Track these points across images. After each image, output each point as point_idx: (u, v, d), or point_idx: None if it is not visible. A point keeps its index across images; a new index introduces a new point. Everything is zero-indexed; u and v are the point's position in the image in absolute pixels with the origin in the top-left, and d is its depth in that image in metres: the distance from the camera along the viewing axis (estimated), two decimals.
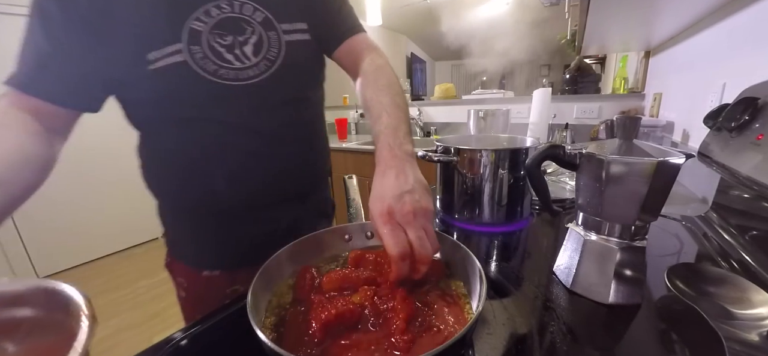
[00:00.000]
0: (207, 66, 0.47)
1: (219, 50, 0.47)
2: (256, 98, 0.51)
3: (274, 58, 0.52)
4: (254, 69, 0.50)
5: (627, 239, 0.41)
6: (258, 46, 0.50)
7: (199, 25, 0.46)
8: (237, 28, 0.49)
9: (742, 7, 0.75)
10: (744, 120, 0.54)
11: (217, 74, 0.47)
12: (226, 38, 0.48)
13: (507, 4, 3.58)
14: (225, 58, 0.48)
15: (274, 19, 0.52)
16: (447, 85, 2.43)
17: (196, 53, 0.46)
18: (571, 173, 0.90)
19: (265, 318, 0.36)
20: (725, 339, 0.32)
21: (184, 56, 0.45)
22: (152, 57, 0.44)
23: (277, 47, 0.52)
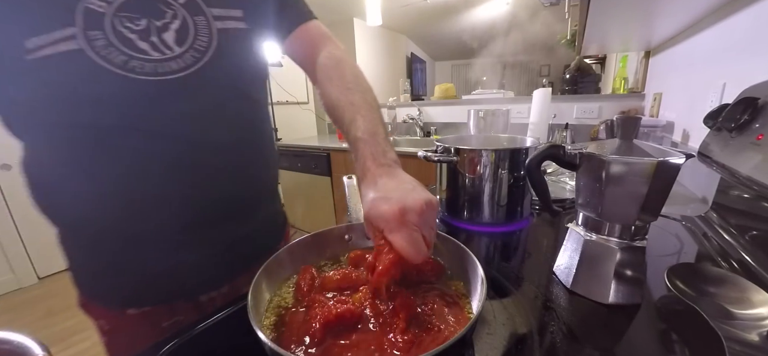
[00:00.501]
0: (113, 56, 0.37)
1: (129, 37, 0.38)
2: (181, 97, 0.42)
3: (203, 49, 0.43)
4: (178, 61, 0.41)
5: (627, 239, 0.41)
6: (182, 34, 0.41)
7: (99, 5, 0.37)
8: (153, 10, 0.40)
9: (742, 7, 0.75)
10: (744, 120, 0.54)
11: (128, 66, 0.38)
12: (138, 23, 0.39)
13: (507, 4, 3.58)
14: (137, 46, 0.39)
15: (202, 2, 0.43)
16: (447, 85, 2.43)
17: (97, 40, 0.37)
18: (571, 173, 0.90)
19: (265, 318, 0.36)
20: (725, 339, 0.32)
21: (79, 43, 0.36)
22: (33, 44, 0.34)
23: (207, 36, 0.43)
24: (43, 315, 1.93)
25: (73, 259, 0.49)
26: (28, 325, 1.84)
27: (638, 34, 1.27)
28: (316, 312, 0.33)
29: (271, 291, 0.39)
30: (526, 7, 3.41)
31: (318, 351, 0.31)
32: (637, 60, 1.74)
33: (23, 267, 2.23)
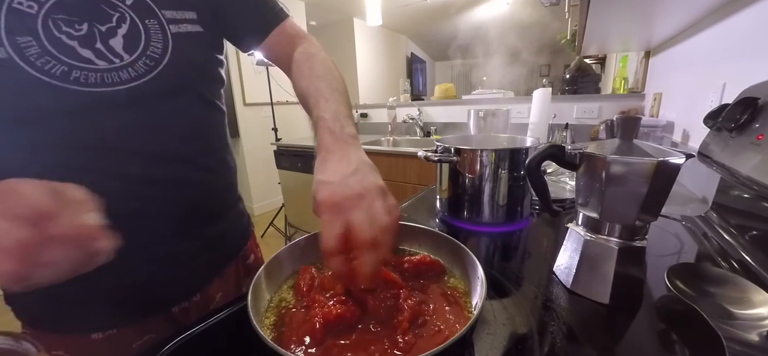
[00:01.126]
0: (49, 67, 0.34)
1: (68, 44, 0.35)
2: (134, 108, 0.39)
3: (158, 57, 0.40)
4: (129, 70, 0.38)
5: (627, 239, 0.41)
6: (132, 40, 0.38)
7: (28, 6, 0.33)
8: (94, 12, 0.36)
9: (742, 7, 0.75)
10: (744, 120, 0.54)
11: (70, 78, 0.35)
12: (77, 27, 0.35)
13: (507, 4, 3.59)
14: (80, 55, 0.35)
15: (153, 3, 0.40)
16: (447, 85, 2.44)
17: (28, 48, 0.33)
18: (571, 173, 0.90)
19: (265, 318, 0.36)
20: (725, 339, 0.32)
21: (6, 51, 0.32)
22: None
23: (161, 41, 0.40)
24: None
25: (25, 291, 0.43)
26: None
27: (638, 34, 1.27)
28: (316, 312, 0.33)
29: (271, 291, 0.39)
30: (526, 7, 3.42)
31: (318, 351, 0.31)
32: (637, 60, 1.74)
33: None
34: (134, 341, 0.46)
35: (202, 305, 0.52)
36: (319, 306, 0.34)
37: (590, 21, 1.03)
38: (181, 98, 0.44)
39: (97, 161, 0.38)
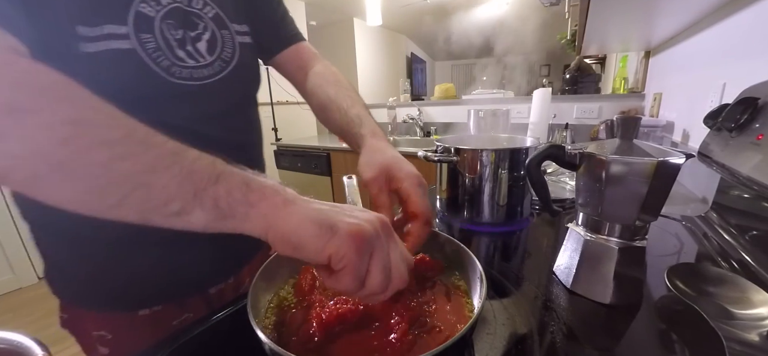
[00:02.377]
0: (161, 61, 0.40)
1: (171, 44, 0.42)
2: (208, 102, 0.46)
3: (228, 59, 0.48)
4: (209, 69, 0.46)
5: (627, 239, 0.41)
6: (212, 45, 0.46)
7: (149, 10, 0.40)
8: (188, 22, 0.44)
9: (742, 7, 0.75)
10: (744, 120, 0.54)
11: (170, 71, 0.42)
12: (177, 31, 0.42)
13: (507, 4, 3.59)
14: (176, 54, 0.42)
15: (226, 18, 0.48)
16: (447, 85, 2.44)
17: (148, 43, 0.39)
18: (571, 173, 0.90)
19: (265, 318, 0.36)
20: (725, 339, 0.32)
21: (132, 44, 0.38)
22: (84, 33, 0.35)
23: (232, 47, 0.49)
24: (43, 315, 1.93)
25: (75, 263, 0.46)
26: (28, 325, 1.84)
27: (638, 34, 1.27)
28: (317, 312, 0.33)
29: (271, 291, 0.39)
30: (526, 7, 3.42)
31: (318, 350, 0.31)
32: (637, 60, 1.74)
33: (23, 266, 2.23)
34: (174, 318, 0.50)
35: (234, 287, 0.57)
36: (320, 306, 0.34)
37: (590, 21, 1.03)
38: (241, 96, 0.53)
39: (183, 142, 0.42)
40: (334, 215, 0.26)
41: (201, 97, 0.45)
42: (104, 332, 0.48)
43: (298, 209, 0.26)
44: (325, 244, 0.25)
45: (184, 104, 0.44)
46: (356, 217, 0.26)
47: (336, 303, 0.34)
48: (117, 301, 0.48)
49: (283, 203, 0.26)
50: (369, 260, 0.26)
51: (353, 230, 0.25)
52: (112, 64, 0.37)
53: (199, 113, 0.45)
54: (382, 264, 0.26)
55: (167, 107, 0.42)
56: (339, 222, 0.25)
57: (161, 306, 0.49)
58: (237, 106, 0.52)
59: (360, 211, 0.28)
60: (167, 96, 0.42)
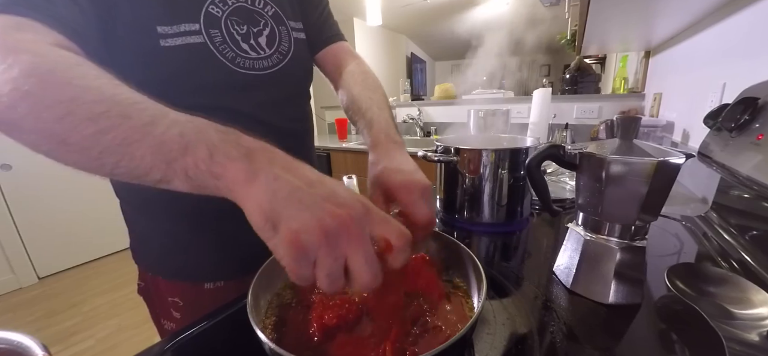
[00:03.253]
0: (226, 52, 0.46)
1: (236, 38, 0.48)
2: (266, 90, 0.51)
3: (285, 53, 0.53)
4: (268, 61, 0.51)
5: (627, 239, 0.41)
6: (271, 39, 0.51)
7: (216, 10, 0.46)
8: (251, 18, 0.49)
9: (742, 7, 0.75)
10: (744, 120, 0.54)
11: (235, 62, 0.47)
12: (241, 27, 0.48)
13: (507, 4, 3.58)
14: (241, 47, 0.48)
15: (283, 15, 0.53)
16: (447, 85, 2.43)
17: (216, 37, 0.46)
18: (571, 173, 0.90)
19: (265, 318, 0.36)
20: (725, 339, 0.32)
21: (203, 38, 0.44)
22: (163, 31, 0.42)
23: (288, 42, 0.53)
24: (43, 315, 1.93)
25: (154, 236, 0.54)
26: (28, 325, 1.84)
27: (638, 34, 1.27)
28: (317, 312, 0.33)
29: (271, 291, 0.39)
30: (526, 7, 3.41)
31: (318, 351, 0.31)
32: (637, 60, 1.74)
33: (23, 267, 2.23)
34: (235, 295, 0.51)
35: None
36: (320, 306, 0.34)
37: (590, 21, 1.03)
38: (296, 88, 0.58)
39: (249, 130, 0.46)
40: (285, 208, 0.24)
41: (261, 86, 0.50)
42: (177, 298, 0.55)
43: (255, 190, 0.25)
44: (268, 239, 0.24)
45: (247, 92, 0.49)
46: (307, 215, 0.24)
47: (337, 303, 0.34)
48: (186, 272, 0.54)
49: (245, 179, 0.25)
50: (312, 265, 0.24)
51: (291, 238, 0.23)
52: (188, 56, 0.43)
53: (259, 100, 0.50)
54: (327, 273, 0.24)
55: (233, 95, 0.48)
56: (284, 220, 0.24)
57: (223, 282, 0.55)
58: (292, 96, 0.56)
59: (333, 199, 0.25)
60: (232, 84, 0.48)
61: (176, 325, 0.56)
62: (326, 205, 0.24)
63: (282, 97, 0.54)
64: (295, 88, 0.57)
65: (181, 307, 0.55)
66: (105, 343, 1.68)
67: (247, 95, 0.49)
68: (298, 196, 0.24)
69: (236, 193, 0.25)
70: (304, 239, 0.23)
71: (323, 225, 0.23)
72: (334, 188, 0.26)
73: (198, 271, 0.54)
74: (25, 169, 2.17)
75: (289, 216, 0.24)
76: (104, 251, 2.61)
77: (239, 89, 0.48)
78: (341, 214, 0.24)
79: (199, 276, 0.54)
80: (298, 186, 0.25)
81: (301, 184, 0.25)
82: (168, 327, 0.56)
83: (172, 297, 0.55)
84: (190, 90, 0.45)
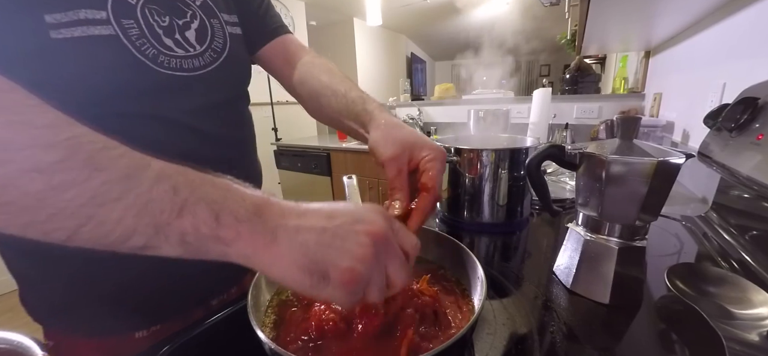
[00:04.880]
0: (145, 49, 0.38)
1: (157, 31, 0.39)
2: (199, 94, 0.43)
3: (219, 50, 0.46)
4: (199, 59, 0.43)
5: (627, 239, 0.41)
6: (202, 34, 0.44)
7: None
8: (174, 8, 0.41)
9: (742, 7, 0.75)
10: (744, 120, 0.54)
11: (157, 60, 0.39)
12: (163, 19, 0.40)
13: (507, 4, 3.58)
14: (164, 42, 0.40)
15: (214, 7, 0.46)
16: (447, 85, 2.44)
17: (130, 29, 0.37)
18: (571, 173, 0.90)
19: (265, 318, 0.36)
20: (725, 339, 0.32)
21: (113, 30, 0.35)
22: (53, 20, 0.32)
23: (222, 38, 0.46)
24: None
25: (56, 286, 0.42)
26: (28, 325, 1.83)
27: (638, 34, 1.27)
28: (317, 312, 0.33)
29: (271, 291, 0.39)
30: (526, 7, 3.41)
31: (318, 351, 0.31)
32: (637, 60, 1.74)
33: None
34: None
35: (237, 297, 0.52)
36: (320, 306, 0.34)
37: (590, 21, 1.03)
38: (233, 90, 0.50)
39: (163, 134, 0.41)
40: (326, 254, 0.23)
41: (191, 89, 0.43)
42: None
43: (282, 251, 0.23)
44: (318, 293, 0.23)
45: (174, 96, 0.41)
46: (350, 247, 0.23)
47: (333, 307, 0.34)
48: (107, 324, 0.43)
49: (263, 244, 0.22)
50: (364, 289, 0.24)
51: (346, 279, 0.23)
52: (92, 52, 0.34)
53: (190, 105, 0.43)
54: (378, 288, 0.25)
55: (156, 99, 0.40)
56: (332, 265, 0.23)
57: (160, 325, 0.46)
58: (229, 99, 0.49)
59: (359, 221, 0.24)
60: (156, 87, 0.39)
61: None
62: (358, 228, 0.24)
63: (218, 101, 0.46)
64: (232, 90, 0.50)
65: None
66: None
67: (175, 100, 0.41)
68: (329, 236, 0.23)
69: (256, 261, 0.23)
70: (360, 270, 0.23)
71: (369, 248, 0.23)
72: (352, 210, 0.25)
73: (123, 319, 0.44)
74: None
75: (334, 259, 0.23)
76: None
77: (166, 93, 0.40)
78: (375, 231, 0.24)
79: (126, 324, 0.44)
80: (322, 227, 0.24)
81: (323, 223, 0.24)
82: None
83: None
84: (100, 96, 0.36)
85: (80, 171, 0.20)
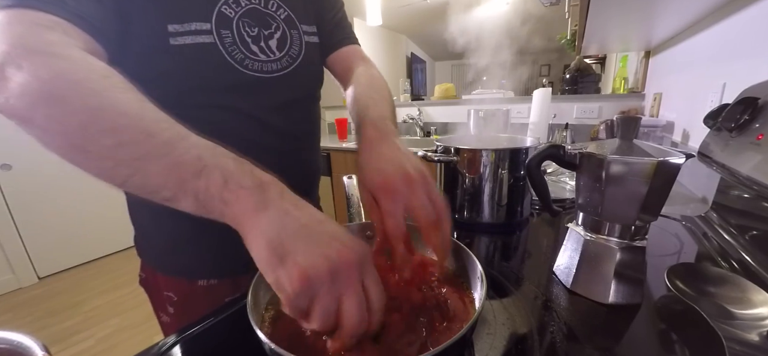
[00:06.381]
0: (235, 54, 0.46)
1: (246, 40, 0.48)
2: (275, 93, 0.51)
3: (295, 56, 0.53)
4: (278, 64, 0.51)
5: (627, 239, 0.41)
6: (282, 42, 0.51)
7: (229, 11, 0.46)
8: (263, 21, 0.49)
9: (742, 7, 0.75)
10: (744, 120, 0.54)
11: (244, 64, 0.47)
12: (253, 29, 0.48)
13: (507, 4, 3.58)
14: (251, 48, 0.48)
15: (296, 19, 0.54)
16: (447, 85, 2.43)
17: (226, 38, 0.45)
18: (571, 173, 0.90)
19: (265, 316, 0.36)
20: (725, 339, 0.32)
21: (213, 38, 0.44)
22: (173, 30, 0.42)
23: (299, 46, 0.54)
24: (43, 315, 1.93)
25: (151, 230, 0.55)
26: (28, 325, 1.84)
27: (638, 34, 1.27)
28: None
29: (271, 291, 0.39)
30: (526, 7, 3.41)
31: (318, 349, 0.31)
32: (637, 60, 1.74)
33: (23, 267, 2.23)
34: (227, 295, 0.55)
35: None
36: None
37: (590, 21, 1.03)
38: (304, 91, 0.57)
39: (244, 128, 0.49)
40: (294, 242, 0.24)
41: (268, 88, 0.50)
42: (171, 293, 0.56)
43: (264, 220, 0.25)
44: (271, 271, 0.24)
45: (253, 94, 0.49)
46: (316, 251, 0.24)
47: None
48: (181, 269, 0.55)
49: (254, 208, 0.26)
50: (311, 302, 0.25)
51: (299, 272, 0.23)
52: (197, 55, 0.43)
53: (266, 103, 0.50)
54: (321, 312, 0.25)
55: (239, 96, 0.48)
56: (292, 254, 0.24)
57: (217, 280, 0.55)
58: (300, 100, 0.56)
59: (339, 238, 0.26)
60: (239, 85, 0.47)
61: (170, 320, 0.57)
62: (334, 243, 0.25)
63: (290, 100, 0.54)
64: (304, 91, 0.57)
65: (175, 302, 0.56)
66: (105, 343, 1.68)
67: (254, 97, 0.49)
68: (306, 232, 0.25)
69: (242, 221, 0.26)
70: (312, 274, 0.24)
71: (331, 263, 0.24)
72: (342, 232, 0.27)
73: (193, 268, 0.55)
74: (25, 169, 2.17)
75: (298, 250, 0.24)
76: (104, 251, 2.61)
77: (246, 91, 0.48)
78: (347, 254, 0.25)
79: (194, 273, 0.55)
80: (306, 223, 0.26)
81: (310, 221, 0.26)
82: (164, 320, 0.58)
83: (167, 292, 0.56)
84: (199, 89, 0.45)
85: (139, 134, 0.27)
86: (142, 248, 0.58)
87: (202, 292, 0.55)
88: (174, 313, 0.56)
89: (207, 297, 0.55)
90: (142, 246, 0.58)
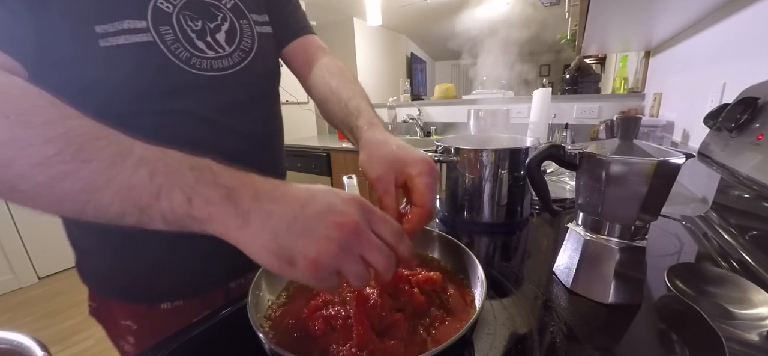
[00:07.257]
0: (179, 52, 0.41)
1: (190, 36, 0.43)
2: (228, 92, 0.46)
3: (248, 50, 0.48)
4: (228, 59, 0.46)
5: (627, 239, 0.41)
6: (231, 35, 0.46)
7: (166, 6, 0.41)
8: (206, 13, 0.44)
9: (742, 7, 0.75)
10: (744, 120, 0.54)
11: (190, 63, 0.42)
12: (196, 23, 0.43)
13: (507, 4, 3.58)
14: (196, 45, 0.43)
15: (244, 8, 0.49)
16: (447, 85, 2.43)
17: (166, 35, 0.40)
18: (571, 173, 0.90)
19: (265, 316, 0.36)
20: (725, 339, 0.32)
21: (151, 37, 0.39)
22: (102, 30, 0.36)
23: (251, 38, 0.49)
24: (43, 315, 1.93)
25: (100, 255, 0.48)
26: (28, 325, 1.84)
27: (638, 34, 1.27)
28: (317, 312, 0.33)
29: (271, 291, 0.39)
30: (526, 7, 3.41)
31: (318, 348, 0.31)
32: (637, 60, 1.74)
33: (23, 266, 2.23)
34: (195, 314, 0.48)
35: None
36: (319, 307, 0.34)
37: (590, 21, 1.03)
38: (257, 87, 0.52)
39: (196, 130, 0.44)
40: (293, 242, 0.24)
41: (221, 87, 0.46)
42: (130, 322, 0.50)
43: (254, 234, 0.24)
44: (288, 274, 0.25)
45: (206, 95, 0.44)
46: (318, 238, 0.24)
47: (336, 302, 0.34)
48: (139, 293, 0.49)
49: (235, 226, 0.24)
50: (338, 274, 0.25)
51: (312, 266, 0.24)
52: (134, 57, 0.38)
53: (220, 103, 0.46)
54: (354, 276, 0.25)
55: (190, 98, 0.43)
56: (298, 253, 0.24)
57: (182, 301, 0.50)
58: (257, 97, 0.52)
59: (331, 210, 0.25)
60: (189, 87, 0.43)
61: (133, 349, 0.51)
62: (328, 219, 0.24)
63: (246, 98, 0.49)
64: (261, 88, 0.53)
65: (135, 331, 0.50)
66: (105, 343, 1.67)
67: (207, 98, 0.44)
68: (299, 224, 0.24)
69: (230, 238, 0.24)
70: (324, 261, 0.24)
71: (336, 240, 0.24)
72: (327, 198, 0.26)
73: (153, 291, 0.49)
74: None
75: (301, 247, 0.24)
76: None
77: (197, 92, 0.44)
78: (345, 222, 0.25)
79: (155, 296, 0.49)
80: (293, 215, 0.24)
81: (295, 210, 0.25)
82: (127, 349, 0.51)
83: (125, 321, 0.50)
84: (140, 96, 0.40)
85: (71, 163, 0.23)
86: (86, 273, 0.50)
87: (166, 316, 0.49)
88: (135, 343, 0.50)
89: (174, 322, 0.48)
90: (86, 271, 0.50)
